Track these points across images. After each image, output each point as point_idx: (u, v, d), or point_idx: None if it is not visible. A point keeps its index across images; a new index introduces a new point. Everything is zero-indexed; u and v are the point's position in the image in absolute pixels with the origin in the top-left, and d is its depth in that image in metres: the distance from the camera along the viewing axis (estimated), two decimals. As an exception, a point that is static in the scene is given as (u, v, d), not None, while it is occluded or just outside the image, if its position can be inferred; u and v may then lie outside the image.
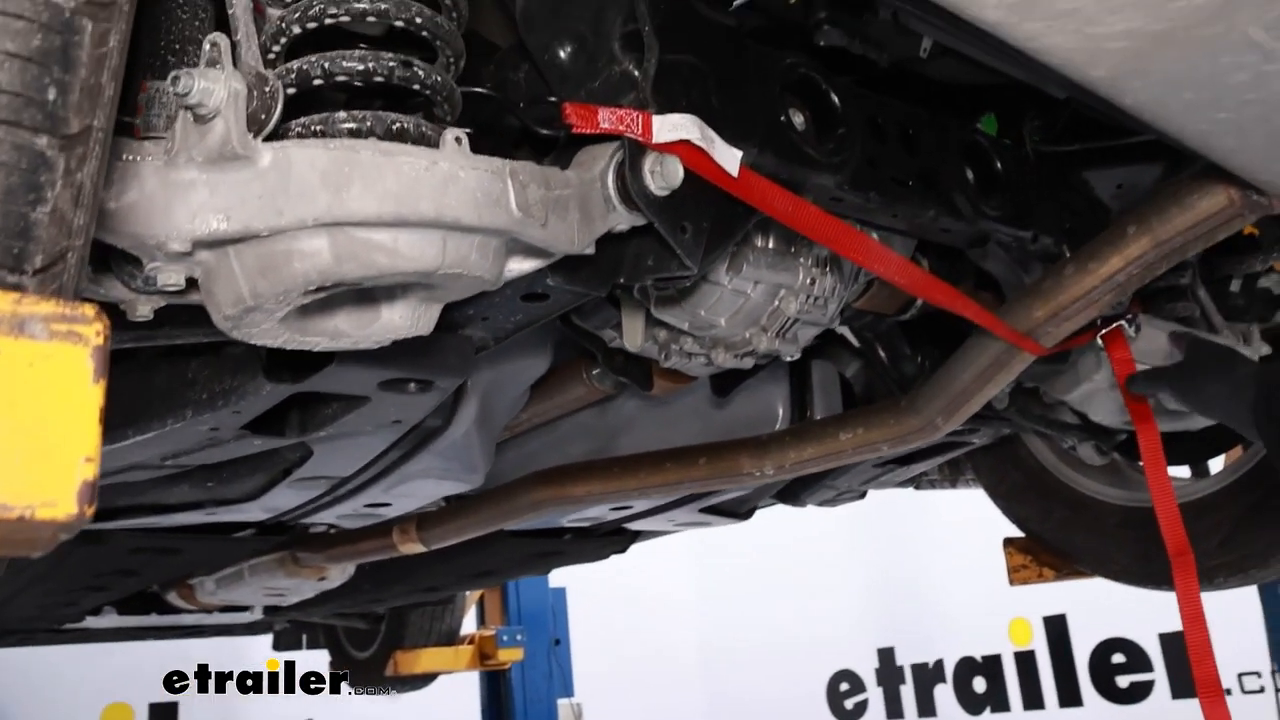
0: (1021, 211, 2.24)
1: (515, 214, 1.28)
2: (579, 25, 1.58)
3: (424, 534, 3.28)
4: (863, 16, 1.76)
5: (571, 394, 2.85)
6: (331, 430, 2.06)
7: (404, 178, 1.19)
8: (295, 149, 1.16)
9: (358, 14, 1.32)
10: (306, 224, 1.17)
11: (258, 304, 1.22)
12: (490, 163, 1.28)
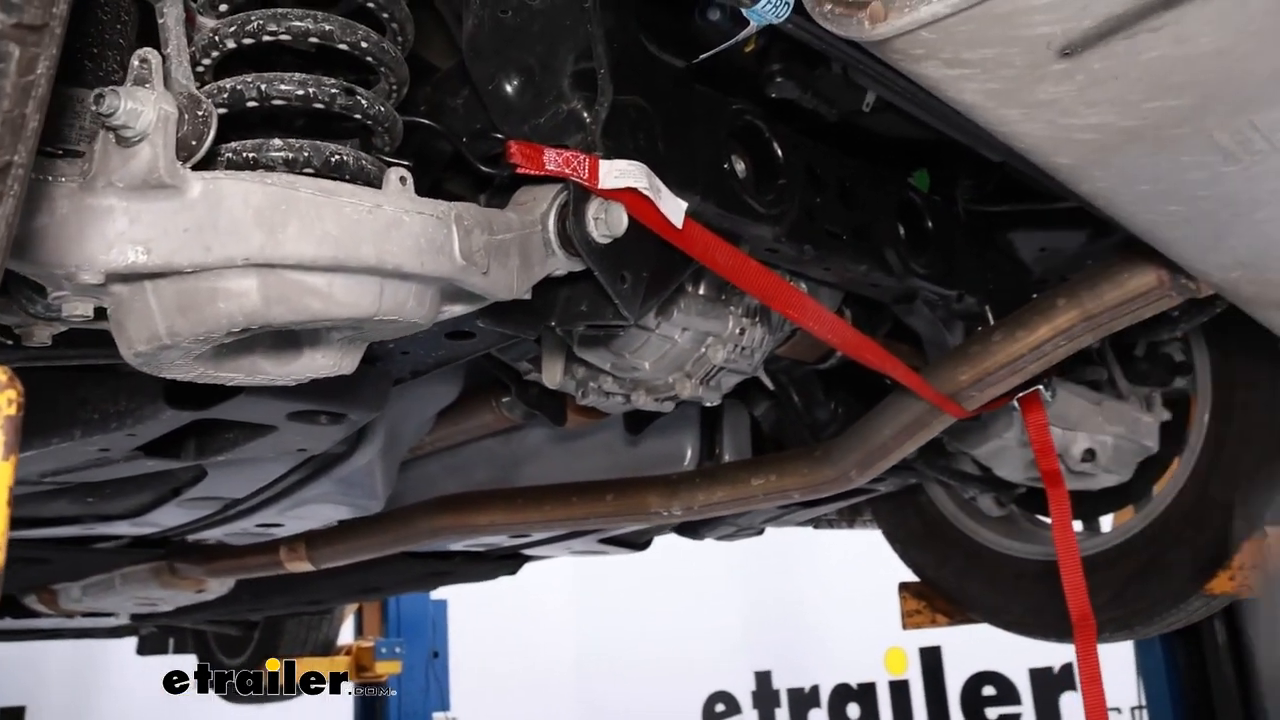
0: (949, 270, 2.22)
1: (458, 262, 1.21)
2: (528, 58, 1.51)
3: (314, 553, 3.16)
4: (815, 70, 1.72)
5: (478, 421, 2.78)
6: (230, 456, 1.96)
7: (345, 220, 1.11)
8: (229, 182, 1.07)
9: (300, 33, 1.23)
10: (235, 263, 1.08)
11: (174, 343, 1.13)
12: (435, 206, 1.20)
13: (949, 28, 0.98)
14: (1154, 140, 1.21)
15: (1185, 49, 1.03)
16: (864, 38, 1.00)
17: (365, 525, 2.98)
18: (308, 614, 6.13)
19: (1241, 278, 1.65)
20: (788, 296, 1.68)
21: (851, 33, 1.00)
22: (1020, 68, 1.05)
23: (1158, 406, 2.87)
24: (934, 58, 1.03)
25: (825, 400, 2.71)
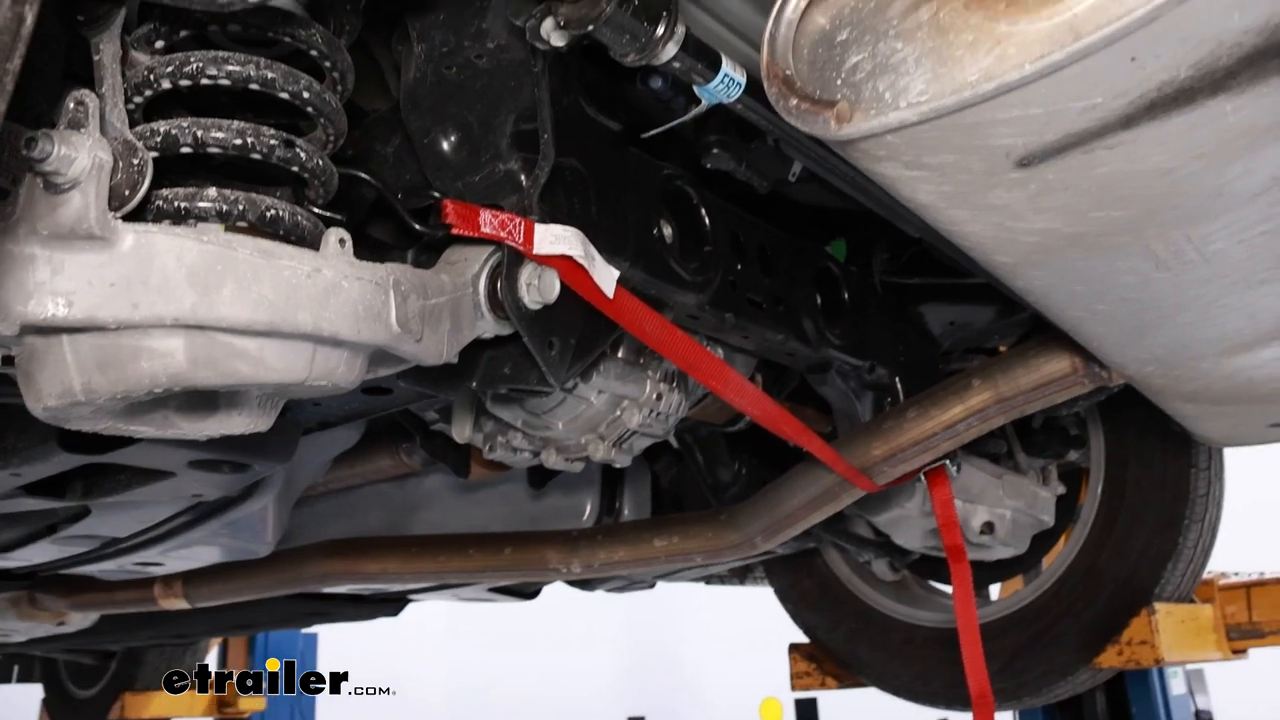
0: (862, 341, 2.24)
1: (394, 329, 1.17)
2: (467, 115, 1.48)
3: (191, 591, 3.05)
4: (750, 143, 1.72)
5: (376, 465, 2.71)
6: (120, 499, 1.88)
7: (283, 284, 1.06)
8: (163, 237, 1.02)
9: (240, 79, 1.19)
10: (164, 322, 1.02)
11: (89, 400, 1.07)
12: (374, 272, 1.16)
13: (914, 133, 0.97)
14: (1094, 246, 1.22)
15: (1136, 166, 1.05)
16: (829, 136, 0.99)
17: (249, 566, 2.88)
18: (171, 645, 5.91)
19: (1155, 371, 1.69)
20: (712, 368, 1.67)
21: (816, 130, 0.99)
22: (977, 174, 1.05)
23: (1053, 480, 2.93)
24: (895, 159, 1.03)
25: (729, 461, 2.70)
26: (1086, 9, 0.90)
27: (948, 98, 0.93)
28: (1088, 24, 0.88)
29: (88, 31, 1.15)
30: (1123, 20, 0.86)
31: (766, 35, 1.07)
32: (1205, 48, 0.90)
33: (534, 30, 1.21)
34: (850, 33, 1.03)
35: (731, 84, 1.31)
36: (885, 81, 0.99)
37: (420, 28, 1.43)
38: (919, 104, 0.95)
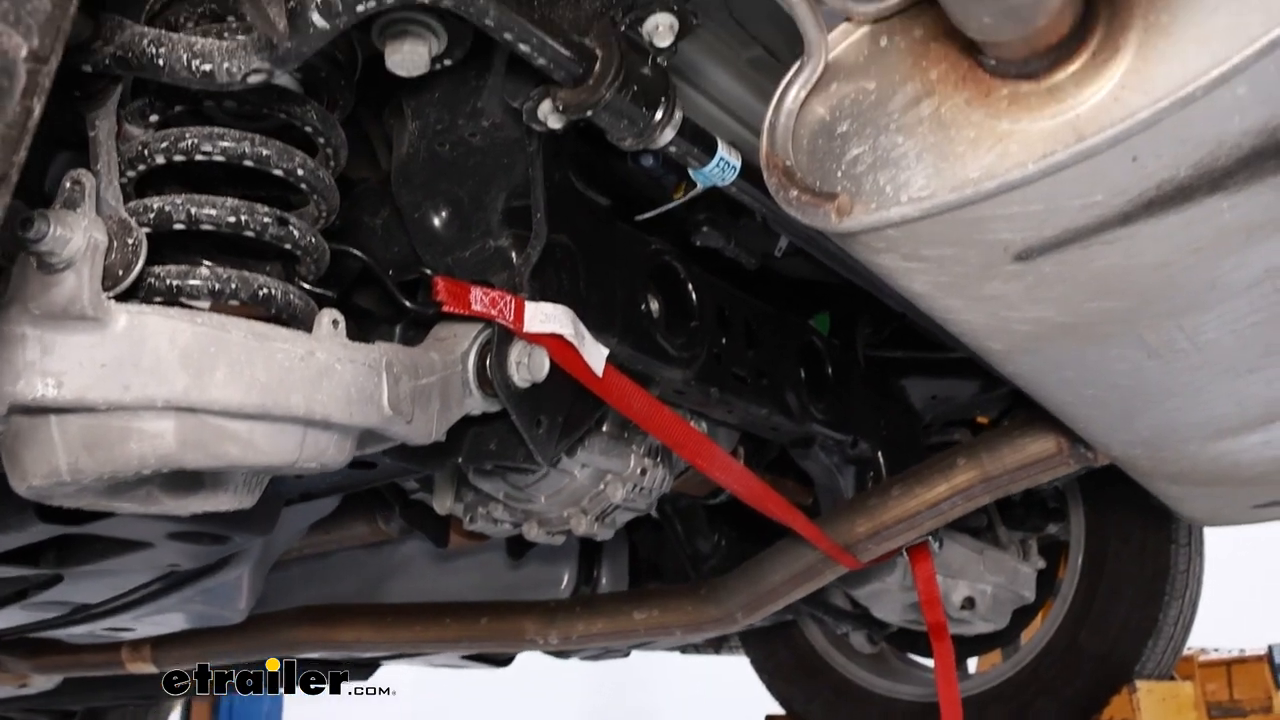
0: (846, 416, 2.24)
1: (385, 412, 1.16)
2: (459, 191, 1.47)
3: (159, 655, 3.00)
4: (740, 220, 1.73)
5: (353, 531, 2.68)
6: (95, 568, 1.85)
7: (276, 367, 1.05)
8: (156, 318, 1.01)
9: (234, 156, 1.18)
10: (155, 405, 1.01)
11: (74, 480, 1.05)
12: (367, 354, 1.15)
13: (915, 228, 0.98)
14: (1087, 335, 1.23)
15: (1132, 260, 1.05)
16: (829, 229, 0.99)
17: (221, 632, 2.83)
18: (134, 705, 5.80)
19: (1141, 453, 1.69)
20: (699, 447, 1.66)
21: (817, 222, 0.99)
22: (974, 266, 1.05)
23: (1033, 555, 2.92)
24: (894, 251, 1.03)
25: (708, 532, 2.69)
26: (1089, 109, 0.91)
27: (950, 194, 0.94)
28: (1091, 125, 0.89)
29: (84, 108, 1.15)
30: (1126, 123, 0.87)
31: (766, 124, 1.07)
32: (1205, 149, 0.91)
33: (531, 112, 1.22)
34: (851, 125, 1.04)
35: (727, 167, 1.31)
36: (886, 175, 0.99)
37: (415, 105, 1.43)
38: (921, 199, 0.95)
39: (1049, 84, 0.93)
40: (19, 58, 0.65)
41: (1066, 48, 0.91)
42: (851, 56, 1.07)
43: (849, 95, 1.05)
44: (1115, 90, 0.90)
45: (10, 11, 0.64)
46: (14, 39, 0.64)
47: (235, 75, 1.03)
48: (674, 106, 1.20)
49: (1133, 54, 0.90)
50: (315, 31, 0.99)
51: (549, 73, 1.11)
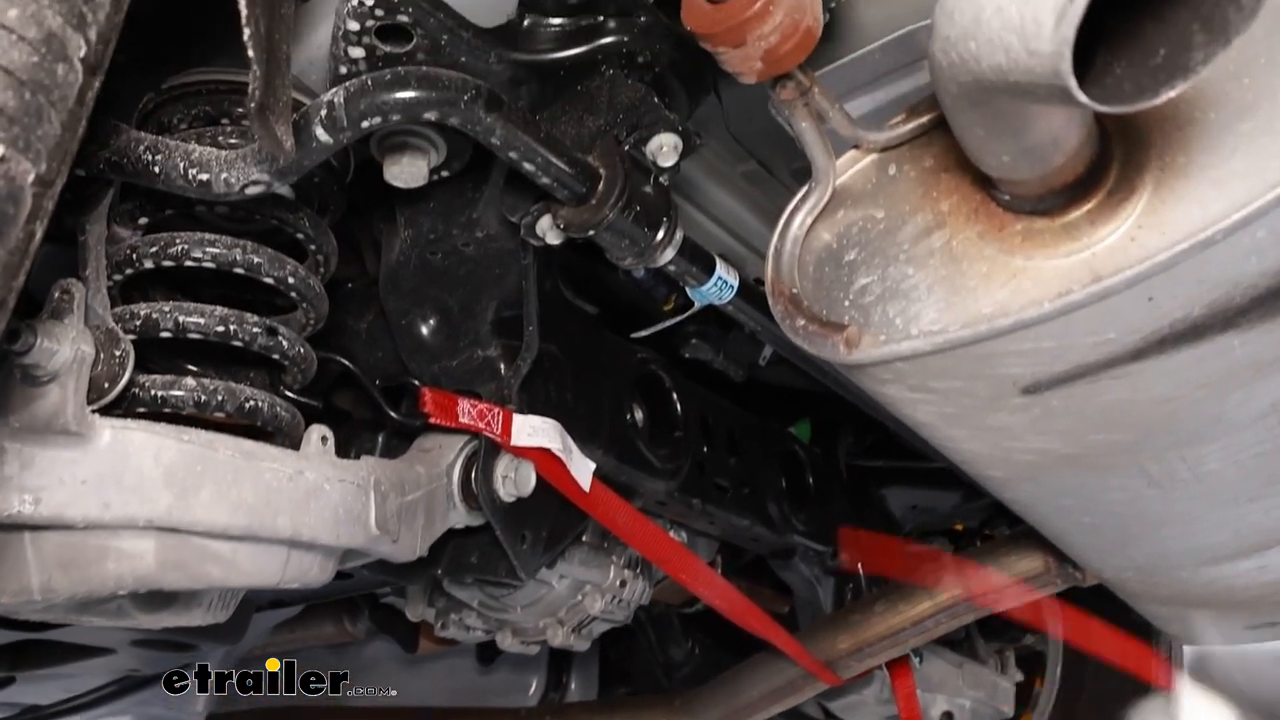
0: (827, 526, 2.21)
1: (372, 532, 1.12)
2: (448, 300, 1.45)
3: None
4: (729, 333, 1.72)
5: (319, 632, 2.61)
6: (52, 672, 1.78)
7: (263, 487, 1.01)
8: (141, 434, 0.97)
9: (225, 263, 1.16)
10: (136, 524, 0.97)
11: (45, 600, 1.00)
12: (355, 472, 1.12)
13: (924, 361, 0.96)
14: (1089, 465, 1.21)
15: (1140, 394, 1.04)
16: (837, 360, 0.97)
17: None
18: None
19: (1132, 577, 1.67)
20: (682, 562, 1.63)
21: (825, 353, 0.97)
22: (981, 399, 1.04)
23: (1011, 667, 2.88)
24: (900, 383, 1.01)
25: (682, 640, 2.64)
26: (1105, 249, 0.90)
27: (962, 330, 0.92)
28: (1107, 265, 0.88)
29: (74, 212, 1.12)
30: (1144, 264, 0.86)
31: (772, 250, 1.05)
32: (1221, 289, 0.90)
33: (529, 228, 1.20)
34: (859, 253, 1.02)
35: (724, 287, 1.30)
36: (896, 307, 0.98)
37: (409, 214, 1.41)
38: (932, 334, 0.93)
39: (1064, 221, 0.92)
40: (26, 184, 0.62)
41: (1082, 186, 0.91)
42: (859, 184, 1.06)
43: (857, 223, 1.04)
44: (1131, 230, 0.89)
45: (21, 137, 0.62)
46: (22, 164, 0.62)
47: (233, 186, 1.01)
48: (675, 226, 1.18)
49: (1149, 194, 0.89)
50: (318, 145, 0.97)
51: (551, 190, 1.09)
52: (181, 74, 1.22)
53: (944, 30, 0.74)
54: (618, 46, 1.15)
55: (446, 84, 0.97)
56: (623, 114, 1.13)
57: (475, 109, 0.98)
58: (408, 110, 0.97)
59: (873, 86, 1.30)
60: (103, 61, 0.72)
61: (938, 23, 0.75)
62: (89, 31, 0.68)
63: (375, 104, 0.96)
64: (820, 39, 0.93)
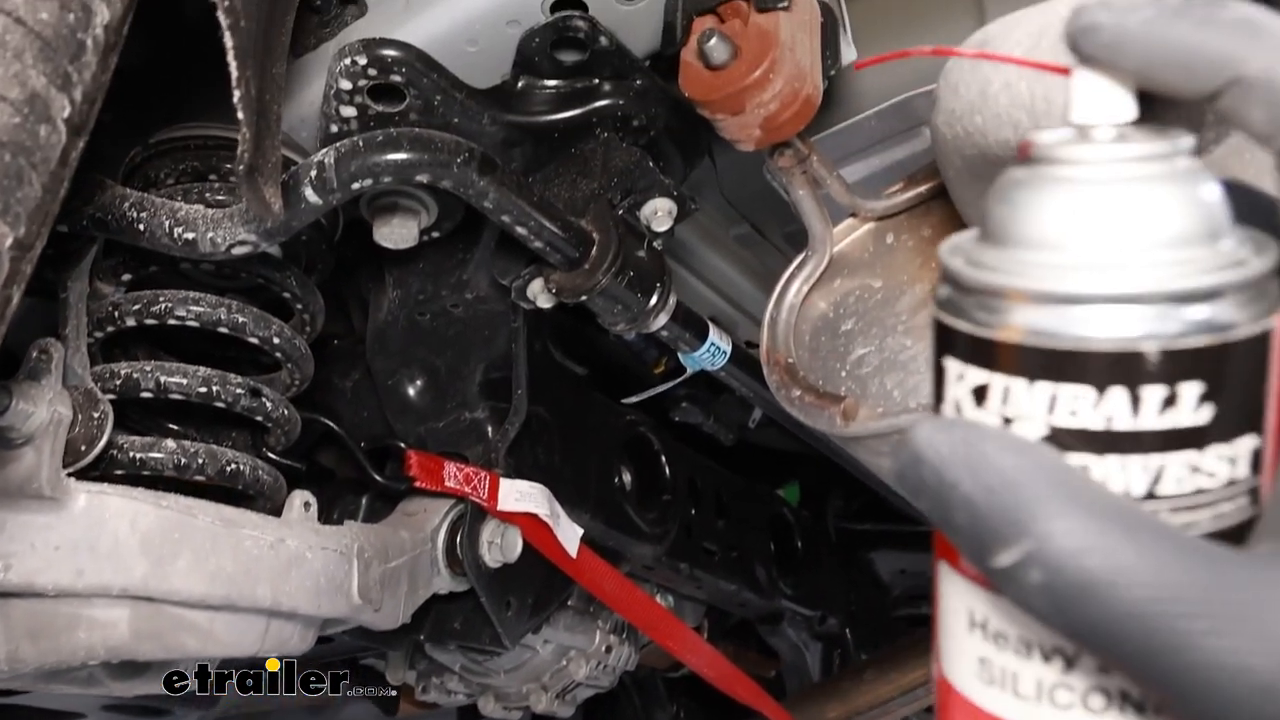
0: (815, 591, 2.18)
1: (355, 601, 1.09)
2: (436, 360, 1.43)
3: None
4: (720, 396, 1.70)
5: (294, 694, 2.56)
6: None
7: (244, 556, 0.98)
8: (118, 500, 0.94)
9: (210, 322, 1.13)
10: (110, 592, 0.94)
11: (12, 670, 0.97)
12: (338, 539, 1.09)
13: (923, 434, 0.94)
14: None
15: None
16: (833, 432, 0.96)
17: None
18: None
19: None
20: (670, 630, 1.60)
21: (821, 425, 0.96)
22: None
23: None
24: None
25: (666, 704, 2.59)
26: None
27: (962, 404, 0.90)
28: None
29: (56, 268, 1.10)
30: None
31: (767, 319, 1.04)
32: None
33: (520, 291, 1.18)
34: (856, 323, 1.01)
35: (717, 353, 1.28)
36: (894, 379, 0.96)
37: (398, 274, 1.39)
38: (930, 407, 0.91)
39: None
40: (4, 248, 0.60)
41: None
42: (856, 252, 1.05)
43: (854, 292, 1.03)
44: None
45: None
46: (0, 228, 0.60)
47: (219, 246, 0.99)
48: (668, 292, 1.17)
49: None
50: (307, 207, 0.95)
51: (544, 255, 1.08)
52: (170, 128, 1.20)
53: (948, 103, 0.72)
54: (613, 110, 1.14)
55: (439, 146, 0.96)
56: (617, 178, 1.12)
57: (468, 172, 0.96)
58: (399, 172, 0.95)
59: (868, 152, 1.29)
60: (88, 121, 0.70)
61: (942, 95, 0.74)
62: (74, 92, 0.66)
63: (366, 166, 0.94)
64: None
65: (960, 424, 0.43)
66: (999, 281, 0.44)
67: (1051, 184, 0.45)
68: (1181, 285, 0.41)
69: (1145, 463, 0.42)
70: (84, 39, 0.67)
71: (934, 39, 1.20)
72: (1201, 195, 0.44)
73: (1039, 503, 0.39)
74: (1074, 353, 0.41)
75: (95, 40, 0.68)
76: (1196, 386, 0.41)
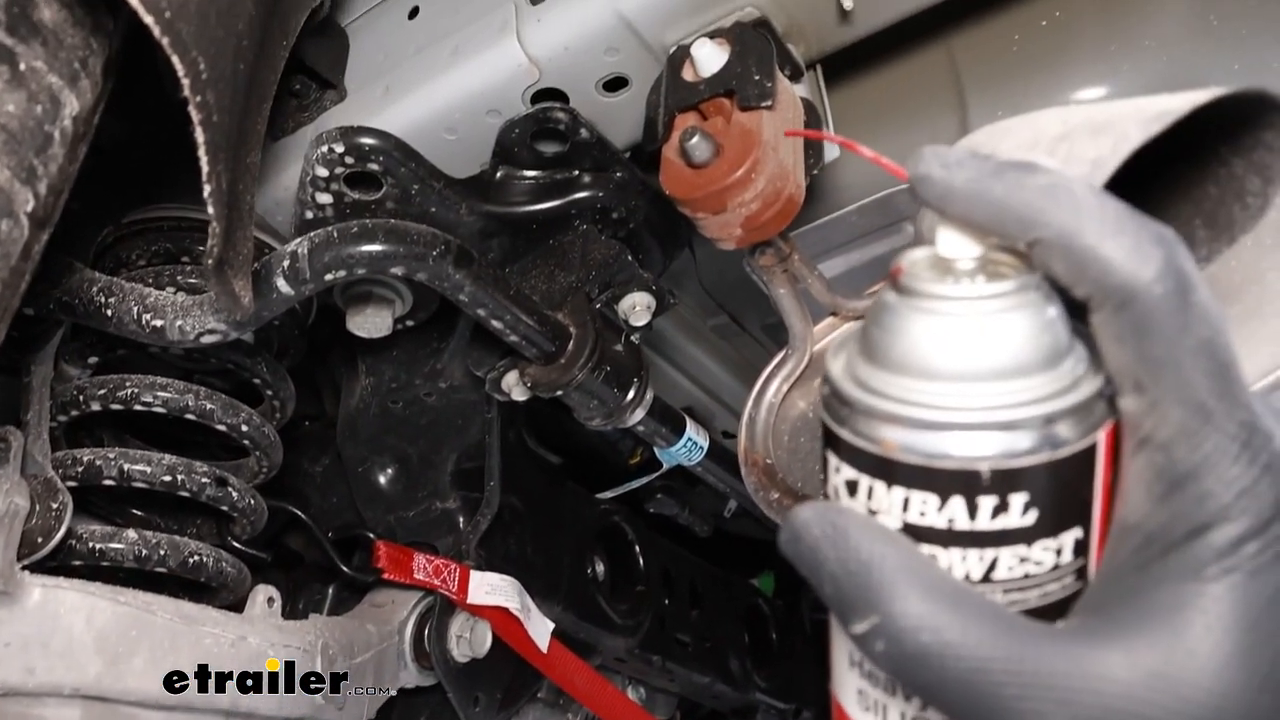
0: (790, 683, 2.14)
1: (317, 701, 1.06)
2: (408, 449, 1.41)
3: None
4: (696, 487, 1.68)
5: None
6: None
7: (202, 654, 0.95)
8: (74, 594, 0.91)
9: (177, 409, 1.11)
10: (61, 692, 0.90)
11: (-46, 772, 0.93)
12: (302, 636, 1.06)
13: (904, 540, 0.92)
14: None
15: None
16: (812, 535, 0.93)
17: None
18: None
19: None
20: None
21: (799, 527, 0.93)
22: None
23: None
24: (876, 559, 0.97)
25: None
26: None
27: (943, 510, 0.88)
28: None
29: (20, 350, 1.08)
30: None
31: (745, 418, 1.02)
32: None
33: (495, 383, 1.16)
34: (835, 425, 0.99)
35: (694, 448, 1.26)
36: (873, 482, 0.94)
37: (371, 361, 1.37)
38: (911, 513, 0.90)
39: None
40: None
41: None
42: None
43: (833, 392, 1.01)
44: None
45: (-46, 298, 0.58)
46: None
47: (188, 334, 0.97)
48: (646, 387, 1.15)
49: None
50: (279, 297, 0.94)
51: (520, 348, 1.06)
52: (143, 209, 1.19)
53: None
54: (592, 202, 1.13)
55: (415, 238, 0.94)
56: (595, 271, 1.11)
57: (444, 265, 0.95)
58: (374, 264, 0.93)
59: (848, 247, 1.29)
60: (52, 215, 0.69)
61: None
62: (39, 185, 0.64)
63: (340, 257, 0.93)
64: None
65: (831, 510, 0.50)
66: (866, 400, 0.50)
67: (912, 313, 0.50)
68: (1015, 416, 0.47)
69: (981, 555, 0.49)
70: (51, 131, 0.66)
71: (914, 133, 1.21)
72: (1043, 327, 0.49)
73: (886, 585, 0.47)
74: (922, 468, 0.48)
75: (63, 132, 0.67)
76: (1023, 496, 0.48)
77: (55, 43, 0.67)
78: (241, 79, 0.77)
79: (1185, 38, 1.08)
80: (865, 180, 1.21)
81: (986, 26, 1.18)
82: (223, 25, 0.69)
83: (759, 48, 0.93)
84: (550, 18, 1.06)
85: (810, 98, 1.02)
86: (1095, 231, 0.46)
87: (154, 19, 0.61)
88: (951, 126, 1.16)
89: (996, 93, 1.15)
